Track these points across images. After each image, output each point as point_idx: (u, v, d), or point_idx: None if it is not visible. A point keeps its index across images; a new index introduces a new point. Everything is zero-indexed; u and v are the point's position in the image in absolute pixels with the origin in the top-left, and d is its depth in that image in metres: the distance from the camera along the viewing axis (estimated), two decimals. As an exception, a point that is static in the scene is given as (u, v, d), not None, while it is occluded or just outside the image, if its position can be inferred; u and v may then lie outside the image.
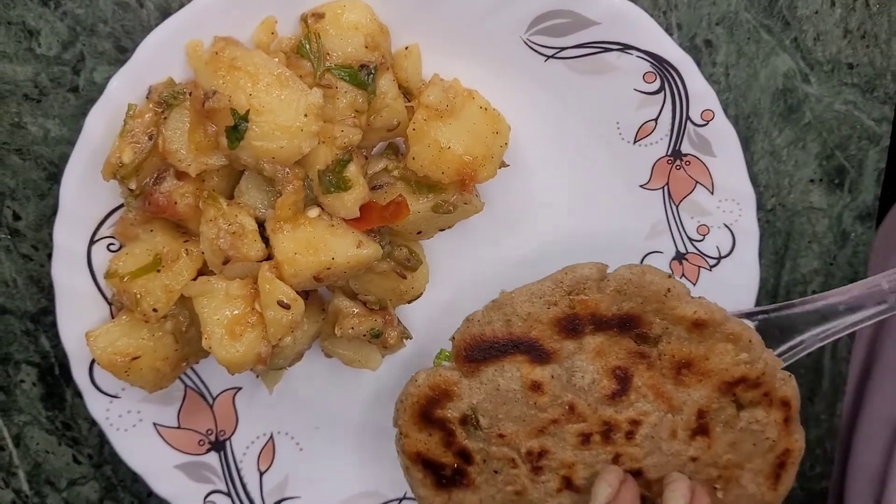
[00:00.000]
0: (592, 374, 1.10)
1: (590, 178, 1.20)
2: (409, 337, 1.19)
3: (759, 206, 1.26)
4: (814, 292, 1.32)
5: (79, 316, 1.14)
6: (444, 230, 1.16)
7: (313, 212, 1.05)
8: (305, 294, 1.11)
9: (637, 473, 1.14)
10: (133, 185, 1.03)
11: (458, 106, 1.08)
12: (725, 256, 1.22)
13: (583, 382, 1.10)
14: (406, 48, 1.10)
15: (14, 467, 1.26)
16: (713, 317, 1.10)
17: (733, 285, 1.23)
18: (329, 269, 1.03)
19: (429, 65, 1.12)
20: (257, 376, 1.19)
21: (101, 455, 1.27)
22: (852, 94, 1.24)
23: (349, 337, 1.10)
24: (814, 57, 1.23)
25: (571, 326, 1.10)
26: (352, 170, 1.04)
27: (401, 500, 1.30)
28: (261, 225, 1.06)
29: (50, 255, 1.18)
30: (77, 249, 1.11)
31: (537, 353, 1.10)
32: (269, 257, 1.05)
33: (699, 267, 1.23)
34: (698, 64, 1.15)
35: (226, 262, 1.04)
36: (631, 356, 1.11)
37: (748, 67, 1.22)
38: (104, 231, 1.12)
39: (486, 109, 1.10)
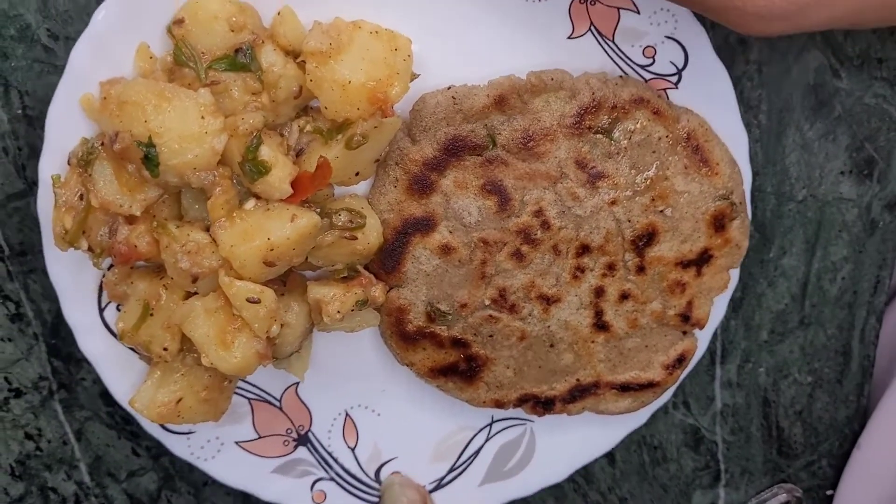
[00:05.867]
0: (473, 205, 1.09)
1: (513, 53, 1.09)
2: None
3: (791, 198, 1.24)
4: (843, 279, 1.28)
5: (126, 377, 1.15)
6: (378, 161, 1.09)
7: (249, 203, 1.02)
8: (282, 281, 1.09)
9: (586, 251, 1.11)
10: (85, 247, 1.03)
11: (346, 40, 1.01)
12: (684, 68, 1.10)
13: (473, 217, 1.10)
14: (279, 13, 1.04)
15: (76, 460, 1.28)
16: (504, 86, 1.07)
17: (708, 92, 1.12)
18: (272, 250, 0.99)
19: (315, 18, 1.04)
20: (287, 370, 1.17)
21: (160, 447, 1.27)
22: (881, 87, 1.22)
23: (339, 320, 1.07)
24: (844, 52, 1.20)
25: (423, 184, 1.09)
26: (265, 151, 1.00)
27: (490, 424, 1.24)
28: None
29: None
30: (92, 322, 1.13)
31: (424, 225, 1.10)
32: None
33: (665, 90, 1.10)
34: (732, 61, 1.16)
35: (195, 280, 1.02)
36: (484, 168, 1.09)
37: (780, 64, 1.20)
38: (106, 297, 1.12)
39: (377, 32, 1.02)
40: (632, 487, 1.35)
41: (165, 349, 1.07)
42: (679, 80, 1.11)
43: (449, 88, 1.07)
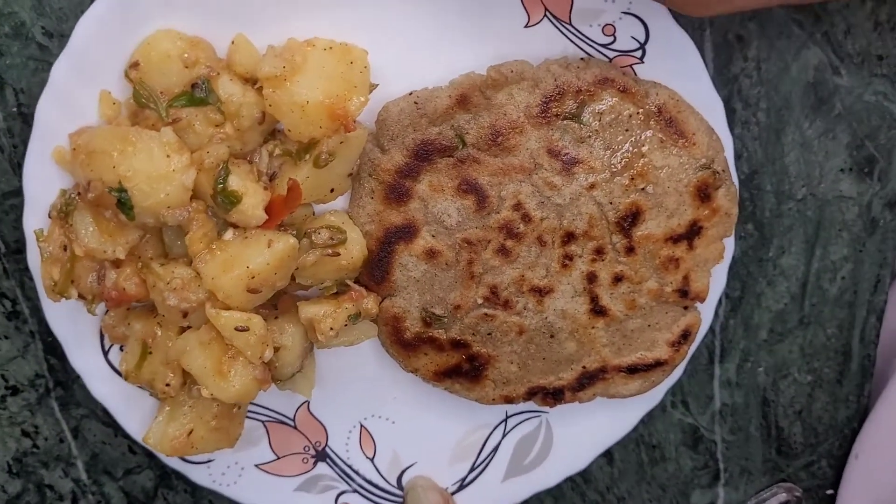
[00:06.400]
0: (452, 206, 1.09)
1: (472, 50, 1.08)
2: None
3: (790, 196, 1.23)
4: (843, 279, 1.27)
5: (140, 414, 1.17)
6: (352, 174, 1.09)
7: (228, 234, 1.03)
8: (273, 305, 1.09)
9: (572, 238, 1.09)
10: (75, 295, 1.04)
11: (301, 60, 1.01)
12: (646, 42, 1.08)
13: (453, 219, 1.09)
14: (233, 42, 1.04)
15: (73, 458, 1.29)
16: (465, 85, 1.06)
17: (675, 63, 1.09)
18: (253, 277, 1.00)
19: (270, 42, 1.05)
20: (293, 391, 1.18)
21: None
22: (882, 84, 1.21)
23: (334, 336, 1.08)
24: (844, 50, 1.19)
25: (399, 192, 1.08)
26: (234, 181, 1.01)
27: (506, 419, 1.24)
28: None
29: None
30: (98, 366, 1.15)
31: (406, 232, 1.09)
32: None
33: (631, 66, 1.08)
34: (730, 59, 1.16)
35: (185, 315, 1.03)
36: (457, 169, 1.08)
37: (780, 61, 1.19)
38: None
39: (331, 48, 1.02)
40: (630, 487, 1.34)
41: (168, 385, 1.08)
42: (644, 55, 1.09)
43: (410, 94, 1.06)
